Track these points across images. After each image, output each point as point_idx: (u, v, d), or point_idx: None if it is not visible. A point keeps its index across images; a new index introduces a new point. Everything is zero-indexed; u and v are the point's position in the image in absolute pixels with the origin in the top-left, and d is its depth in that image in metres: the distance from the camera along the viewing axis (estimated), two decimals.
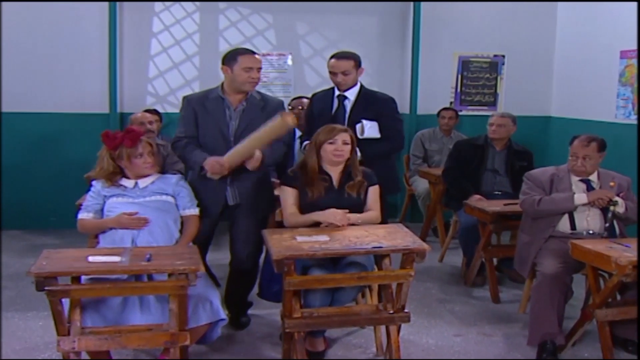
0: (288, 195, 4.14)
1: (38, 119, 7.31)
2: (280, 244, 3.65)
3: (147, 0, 7.53)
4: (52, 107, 7.31)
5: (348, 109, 4.81)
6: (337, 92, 4.85)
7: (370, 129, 4.69)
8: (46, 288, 3.28)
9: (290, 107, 5.94)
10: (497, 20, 7.85)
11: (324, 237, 3.74)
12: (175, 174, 5.73)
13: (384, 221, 4.30)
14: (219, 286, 4.49)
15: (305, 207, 4.10)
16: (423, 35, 7.75)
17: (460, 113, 7.65)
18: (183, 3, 7.61)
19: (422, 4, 7.69)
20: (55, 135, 7.35)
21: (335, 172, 4.19)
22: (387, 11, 7.91)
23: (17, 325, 4.55)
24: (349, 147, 4.14)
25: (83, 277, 3.54)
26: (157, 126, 6.27)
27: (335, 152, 4.10)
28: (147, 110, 6.57)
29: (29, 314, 4.73)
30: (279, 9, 7.76)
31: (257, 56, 4.28)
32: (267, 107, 4.36)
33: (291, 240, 3.70)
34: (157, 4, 7.56)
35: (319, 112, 4.89)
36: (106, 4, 7.26)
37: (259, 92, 4.42)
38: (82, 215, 4.05)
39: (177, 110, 7.49)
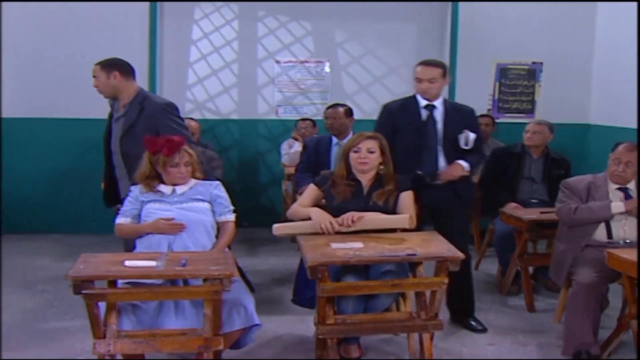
0: (308, 191, 4.27)
1: (80, 125, 7.41)
2: (314, 250, 3.66)
3: (187, 0, 7.62)
4: (93, 114, 7.41)
5: (439, 119, 4.59)
6: (423, 102, 4.59)
7: (473, 140, 4.56)
8: (83, 291, 3.33)
9: (325, 117, 5.95)
10: (536, 27, 7.77)
11: (358, 244, 3.74)
12: (214, 179, 5.80)
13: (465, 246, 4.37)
14: (254, 292, 4.50)
15: (332, 210, 4.12)
16: (461, 42, 7.76)
17: (497, 120, 7.61)
18: (222, 10, 7.70)
19: (460, 6, 7.67)
20: (97, 141, 7.36)
21: (365, 179, 4.20)
22: (425, 18, 7.91)
23: (55, 327, 4.64)
24: (374, 155, 4.14)
25: (120, 281, 3.60)
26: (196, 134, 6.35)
27: (359, 159, 4.13)
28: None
29: (67, 316, 4.82)
30: (317, 16, 7.83)
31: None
32: (145, 112, 4.54)
33: (325, 247, 3.71)
34: (196, 11, 7.66)
35: (407, 123, 4.59)
36: (147, 11, 7.38)
37: (144, 95, 4.65)
38: (119, 220, 4.10)
39: (215, 117, 7.67)
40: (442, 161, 4.57)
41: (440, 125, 4.59)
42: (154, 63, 7.44)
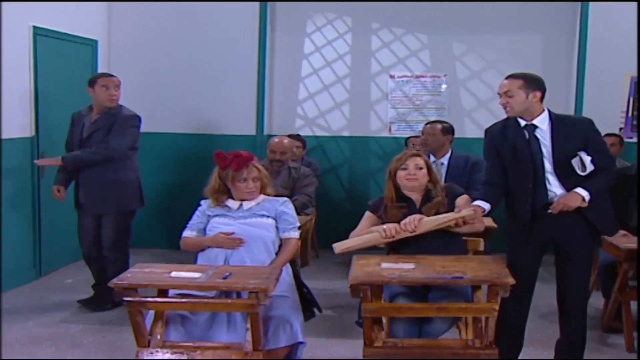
0: (364, 218, 4.24)
1: (189, 139, 7.64)
2: (361, 269, 3.57)
3: (301, 0, 7.65)
4: (202, 129, 7.62)
5: (545, 140, 3.97)
6: (523, 122, 4.00)
7: (591, 163, 3.87)
8: (123, 299, 3.41)
9: (421, 132, 5.77)
10: None
11: (409, 265, 3.59)
12: (307, 196, 5.76)
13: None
14: (320, 312, 4.40)
15: None
16: (590, 53, 7.29)
17: (631, 140, 7.06)
18: (335, 23, 7.67)
19: (591, 7, 7.24)
20: (203, 155, 7.48)
21: (416, 196, 4.09)
22: (550, 27, 7.53)
23: (125, 338, 4.70)
24: (423, 171, 4.06)
25: (171, 292, 3.62)
26: (298, 152, 6.29)
27: (408, 176, 4.04)
28: (291, 136, 6.59)
29: None
30: (434, 29, 7.62)
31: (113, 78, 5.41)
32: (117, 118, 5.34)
33: (374, 267, 3.60)
34: (309, 24, 7.68)
35: (507, 148, 4.05)
36: (257, 25, 7.47)
37: (118, 107, 5.44)
38: (185, 233, 4.16)
39: (325, 134, 7.61)
40: (556, 188, 3.97)
41: (547, 147, 3.97)
42: (262, 77, 7.51)
